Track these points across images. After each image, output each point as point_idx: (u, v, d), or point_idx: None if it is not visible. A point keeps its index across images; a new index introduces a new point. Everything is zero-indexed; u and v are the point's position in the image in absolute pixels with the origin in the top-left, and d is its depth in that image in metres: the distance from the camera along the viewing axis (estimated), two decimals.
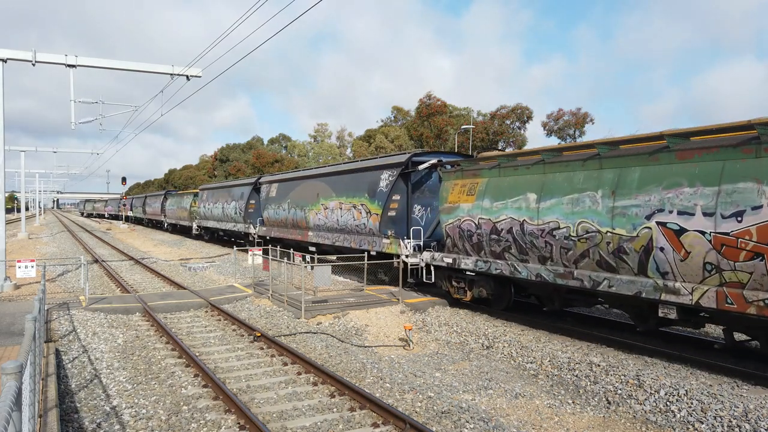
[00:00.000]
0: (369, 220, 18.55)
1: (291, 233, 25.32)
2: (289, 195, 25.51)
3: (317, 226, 22.57)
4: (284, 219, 25.88)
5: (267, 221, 28.44)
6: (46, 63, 18.03)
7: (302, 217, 23.74)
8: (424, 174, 17.87)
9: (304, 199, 23.75)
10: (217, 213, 36.75)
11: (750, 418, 7.31)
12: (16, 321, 12.44)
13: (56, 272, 24.04)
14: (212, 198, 38.27)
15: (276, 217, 26.94)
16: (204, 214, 40.00)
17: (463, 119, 64.21)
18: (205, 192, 41.18)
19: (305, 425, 7.60)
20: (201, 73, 19.48)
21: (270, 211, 27.72)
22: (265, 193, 29.10)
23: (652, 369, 9.44)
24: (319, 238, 22.43)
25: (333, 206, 21.08)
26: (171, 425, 7.62)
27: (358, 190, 19.52)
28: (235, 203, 33.04)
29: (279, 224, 26.88)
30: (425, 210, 18.12)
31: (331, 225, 21.31)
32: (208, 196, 39.70)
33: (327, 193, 21.89)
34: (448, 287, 15.57)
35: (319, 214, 22.18)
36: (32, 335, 5.62)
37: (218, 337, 12.63)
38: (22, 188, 54.61)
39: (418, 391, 8.87)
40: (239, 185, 34.00)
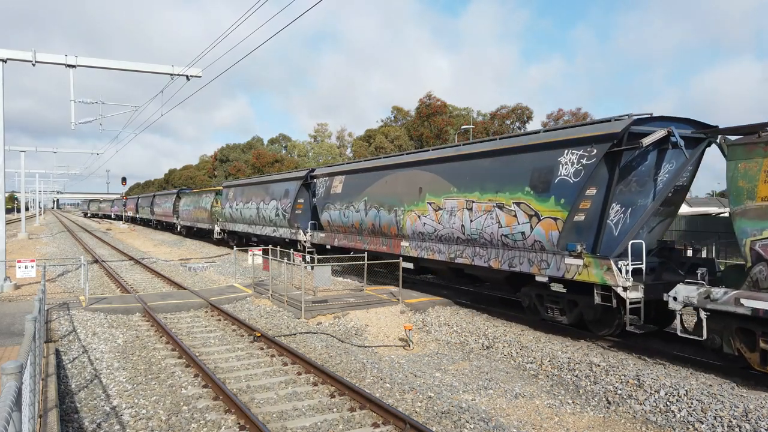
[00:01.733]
0: (535, 228, 12.30)
1: (369, 242, 19.32)
2: (367, 191, 19.42)
3: (419, 235, 16.51)
4: (357, 223, 19.94)
5: (328, 226, 22.23)
6: (46, 63, 18.03)
7: (391, 221, 17.84)
8: (639, 154, 11.26)
9: (393, 197, 17.82)
10: (249, 215, 30.80)
11: (750, 418, 7.31)
12: (16, 321, 12.44)
13: (56, 272, 24.04)
14: (242, 196, 32.31)
15: (342, 221, 20.85)
16: (230, 216, 34.14)
17: (463, 119, 64.25)
18: (231, 189, 34.94)
19: (305, 425, 7.60)
20: (201, 73, 19.48)
21: (332, 213, 21.59)
22: (323, 189, 22.72)
23: (652, 369, 9.44)
24: (424, 251, 16.36)
25: (453, 206, 14.89)
26: (171, 425, 7.62)
27: (509, 182, 13.09)
28: (275, 203, 27.04)
29: (347, 230, 20.78)
30: (624, 211, 11.86)
31: (448, 233, 15.14)
32: (236, 194, 33.59)
33: (439, 186, 15.66)
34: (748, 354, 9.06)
35: (425, 217, 16.12)
36: (32, 335, 5.62)
37: (218, 338, 12.63)
38: (22, 188, 54.61)
39: (418, 391, 8.87)
40: (282, 180, 27.44)
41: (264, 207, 28.65)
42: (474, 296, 16.96)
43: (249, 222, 31.17)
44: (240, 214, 32.46)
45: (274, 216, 27.32)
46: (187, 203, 45.27)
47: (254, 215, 30.06)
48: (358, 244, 20.14)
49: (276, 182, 28.23)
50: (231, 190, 35.12)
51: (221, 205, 36.60)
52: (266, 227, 28.72)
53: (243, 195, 32.39)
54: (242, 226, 32.33)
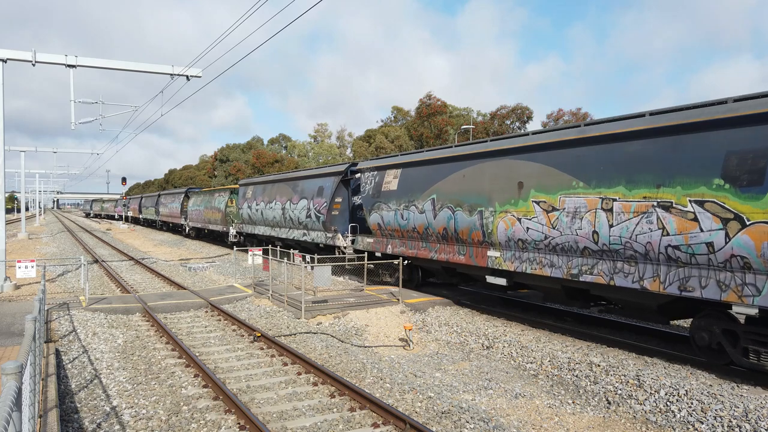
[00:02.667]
0: (736, 237, 8.74)
1: (439, 250, 15.57)
2: (435, 187, 15.60)
3: (518, 243, 12.78)
4: (420, 227, 16.25)
5: (378, 229, 18.59)
6: (46, 63, 18.04)
7: (472, 225, 14.02)
8: None
9: (475, 194, 14.04)
10: (272, 216, 27.31)
11: (750, 418, 7.31)
12: (16, 321, 12.44)
13: (56, 272, 24.04)
14: (263, 195, 28.82)
15: (399, 224, 17.28)
16: (248, 217, 30.65)
17: (463, 119, 64.30)
18: (249, 188, 31.35)
19: (305, 425, 7.60)
20: (201, 73, 19.49)
21: (385, 215, 17.97)
22: (370, 185, 19.05)
23: (652, 369, 9.44)
24: (525, 264, 12.66)
25: (577, 206, 11.21)
26: (171, 425, 7.62)
27: (683, 171, 9.52)
28: (306, 203, 23.60)
29: (406, 235, 17.14)
30: None
31: (568, 242, 11.44)
32: (255, 192, 30.03)
33: (552, 180, 11.88)
34: None
35: (529, 220, 12.37)
36: (32, 335, 5.62)
37: (218, 338, 12.63)
38: (22, 188, 54.62)
39: (418, 391, 8.87)
40: (315, 176, 23.76)
41: (291, 207, 25.02)
42: (474, 296, 16.95)
43: (272, 224, 27.60)
44: (260, 215, 28.80)
45: (304, 217, 23.68)
46: (197, 203, 41.79)
47: (278, 216, 26.46)
48: (422, 252, 16.36)
49: (307, 178, 24.36)
50: (249, 188, 31.31)
51: (237, 205, 33.53)
52: (294, 230, 25.03)
53: (264, 194, 28.71)
54: (263, 228, 28.78)
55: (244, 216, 31.40)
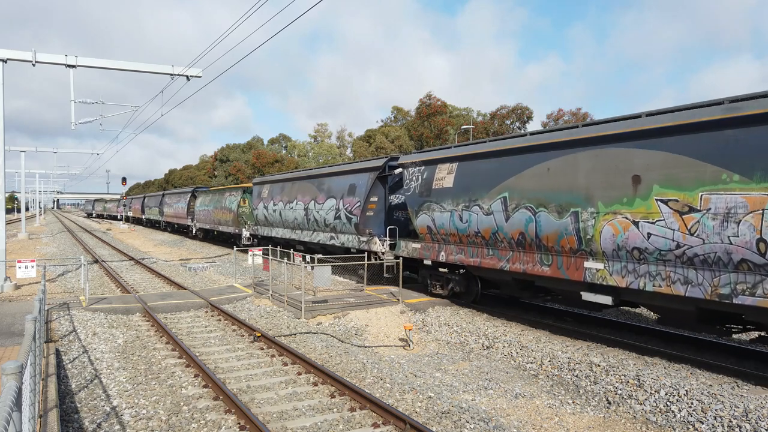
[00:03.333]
0: None
1: (513, 259, 13.03)
2: (507, 184, 13.03)
3: (633, 252, 10.29)
4: (487, 231, 13.63)
5: (428, 233, 15.92)
6: (47, 63, 18.04)
7: (564, 230, 11.52)
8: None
9: (567, 192, 11.48)
10: (292, 217, 25.01)
11: (750, 418, 7.31)
12: (17, 321, 12.44)
13: (56, 272, 24.05)
14: (281, 195, 26.63)
15: (457, 227, 14.60)
16: (264, 219, 28.48)
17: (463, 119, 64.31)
18: (265, 187, 29.13)
19: (305, 425, 7.60)
20: (201, 73, 19.49)
21: (437, 216, 15.34)
22: (416, 182, 16.37)
23: (652, 369, 9.44)
24: (642, 279, 10.18)
25: (731, 206, 8.80)
26: (171, 425, 7.62)
27: None
28: (334, 202, 21.27)
29: (466, 240, 14.45)
30: None
31: (715, 252, 9.06)
32: (272, 192, 27.87)
33: (689, 173, 9.40)
34: None
35: (652, 223, 9.89)
36: (32, 335, 5.62)
37: (218, 338, 12.64)
38: (22, 188, 54.64)
39: (419, 391, 8.87)
40: (346, 173, 21.25)
41: (316, 207, 22.62)
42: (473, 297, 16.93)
43: (292, 226, 25.25)
44: (279, 216, 26.55)
45: (332, 219, 21.29)
46: (205, 203, 39.30)
47: (300, 218, 24.05)
48: (487, 260, 13.73)
49: (336, 175, 21.86)
50: (265, 187, 28.91)
51: (250, 205, 31.59)
52: (319, 233, 22.58)
53: (283, 193, 26.36)
54: (282, 231, 26.49)
55: (260, 217, 29.01)
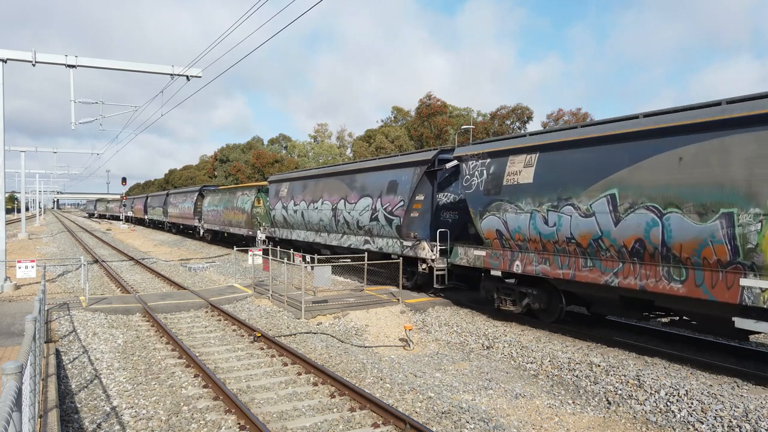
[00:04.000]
0: None
1: (624, 273, 10.51)
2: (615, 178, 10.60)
3: None
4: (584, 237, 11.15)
5: (497, 238, 13.39)
6: (47, 63, 18.04)
7: (709, 236, 9.09)
8: None
9: (707, 188, 9.14)
10: (316, 219, 22.44)
11: (750, 418, 7.31)
12: (17, 321, 12.44)
13: (56, 272, 24.05)
14: (302, 193, 24.06)
15: (540, 233, 12.13)
16: (283, 220, 26.02)
17: (463, 119, 64.32)
18: (283, 185, 26.54)
19: (305, 425, 7.60)
20: (201, 73, 19.49)
21: (508, 218, 12.94)
22: (479, 178, 13.83)
23: (652, 369, 9.44)
24: None
25: None
26: (171, 425, 7.62)
27: None
28: (369, 202, 18.79)
29: (551, 247, 11.94)
30: None
31: None
32: (292, 190, 25.32)
33: None
34: None
35: None
36: (32, 335, 5.62)
37: (218, 338, 12.64)
38: (22, 188, 54.64)
39: (419, 392, 8.87)
40: (385, 168, 18.64)
41: (347, 208, 20.11)
42: (474, 296, 16.94)
43: (316, 228, 22.67)
44: (300, 217, 24.05)
45: (367, 220, 18.85)
46: (214, 203, 37.05)
47: (327, 219, 21.56)
48: (584, 273, 11.22)
49: (372, 171, 19.36)
50: (283, 185, 26.41)
51: (265, 205, 29.52)
52: (351, 236, 20.11)
53: (305, 191, 23.83)
54: (304, 233, 23.94)
55: (277, 218, 26.57)
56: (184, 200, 45.18)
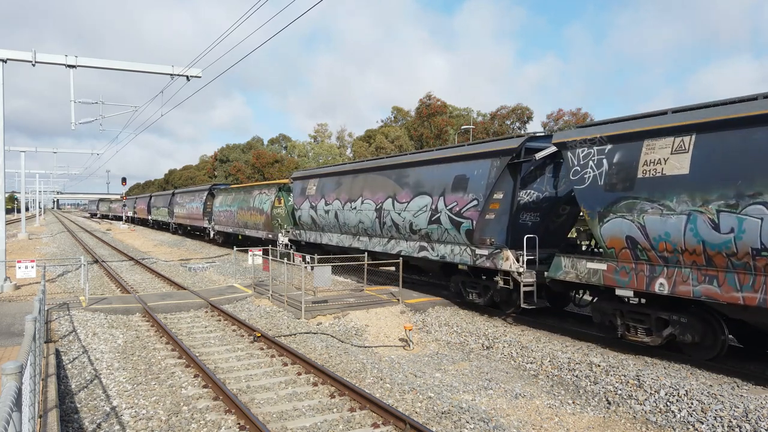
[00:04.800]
0: None
1: None
2: None
3: None
4: None
5: (627, 248, 10.45)
6: (46, 63, 18.04)
7: None
8: None
9: None
10: (355, 220, 19.43)
11: (750, 418, 7.31)
12: (16, 321, 12.44)
13: (56, 272, 24.05)
14: (336, 191, 20.96)
15: (701, 239, 9.22)
16: (311, 222, 22.84)
17: (463, 119, 64.36)
18: (311, 182, 23.25)
19: (305, 425, 7.60)
20: (201, 73, 19.49)
21: (648, 222, 10.02)
22: (595, 170, 11.15)
23: (652, 369, 9.44)
24: None
25: None
26: (171, 425, 7.62)
27: None
28: (428, 201, 15.68)
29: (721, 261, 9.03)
30: None
31: None
32: (321, 188, 22.15)
33: None
34: None
35: None
36: (32, 336, 5.62)
37: (218, 338, 12.64)
38: (22, 189, 54.64)
39: (419, 392, 8.87)
40: (449, 160, 15.51)
41: (396, 208, 16.99)
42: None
43: (354, 231, 19.74)
44: (334, 218, 20.92)
45: (424, 223, 15.73)
46: (227, 203, 34.49)
47: (369, 221, 18.51)
48: None
49: (431, 164, 16.15)
50: (311, 182, 23.23)
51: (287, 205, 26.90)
52: (401, 241, 17.04)
53: (340, 189, 20.71)
54: (337, 237, 21.01)
55: (304, 219, 23.47)
56: (192, 200, 42.50)
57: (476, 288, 14.65)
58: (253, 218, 29.64)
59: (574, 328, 12.58)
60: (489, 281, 14.31)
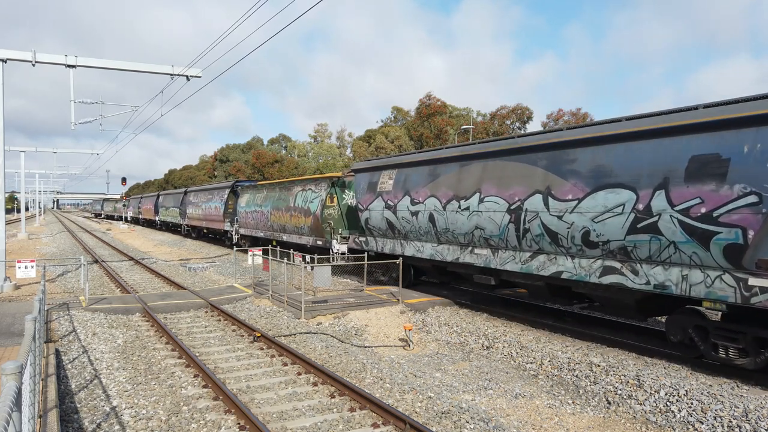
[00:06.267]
0: None
1: None
2: None
3: None
4: None
5: None
6: (46, 63, 18.03)
7: None
8: None
9: None
10: (467, 225, 14.13)
11: (750, 418, 7.31)
12: (16, 321, 12.44)
13: (56, 272, 24.04)
14: (429, 185, 15.66)
15: None
16: (387, 226, 17.50)
17: (462, 119, 64.37)
18: (384, 174, 17.86)
19: (305, 425, 7.60)
20: (201, 73, 19.49)
21: None
22: None
23: (652, 369, 9.44)
24: None
25: None
26: (171, 425, 7.62)
27: None
28: (621, 198, 10.26)
29: None
30: None
31: None
32: (401, 183, 16.86)
33: None
34: None
35: None
36: (32, 335, 5.62)
37: (218, 338, 12.63)
38: (22, 189, 54.64)
39: (418, 392, 8.87)
40: (666, 132, 9.69)
41: (551, 208, 11.78)
42: (474, 296, 16.92)
43: (464, 241, 14.41)
44: (429, 223, 15.46)
45: (618, 232, 10.38)
46: (256, 202, 29.35)
47: (496, 227, 13.21)
48: None
49: (630, 139, 10.41)
50: (386, 174, 17.68)
51: (340, 204, 22.03)
52: (559, 258, 11.82)
53: (436, 182, 15.36)
54: (432, 248, 15.61)
55: (374, 223, 18.17)
56: (210, 199, 36.74)
57: (739, 342, 9.10)
58: (294, 220, 24.21)
59: (574, 328, 12.58)
60: None
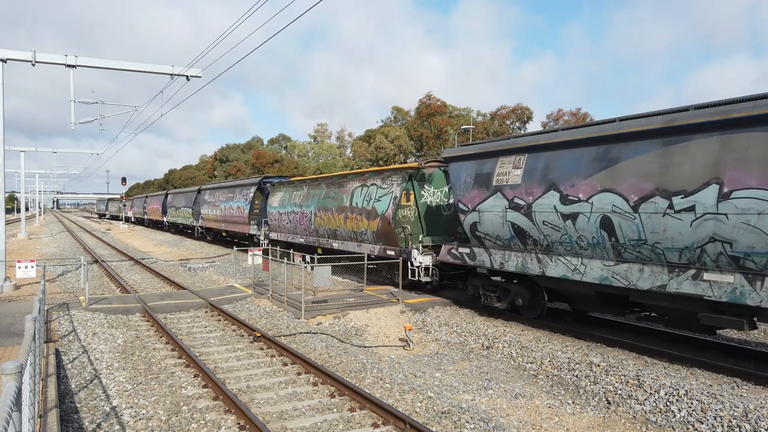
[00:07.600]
0: None
1: None
2: None
3: None
4: None
5: None
6: (46, 63, 18.03)
7: None
8: None
9: None
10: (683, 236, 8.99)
11: (750, 418, 7.31)
12: (16, 321, 12.44)
13: (56, 272, 24.04)
14: (595, 178, 10.49)
15: None
16: (512, 234, 12.61)
17: (462, 119, 64.38)
18: (504, 162, 12.85)
19: (305, 425, 7.60)
20: (200, 73, 19.49)
21: None
22: None
23: (652, 369, 9.44)
24: None
25: None
26: (171, 425, 7.62)
27: None
28: None
29: None
30: None
31: None
32: (535, 173, 11.95)
33: None
34: None
35: None
36: (32, 335, 5.62)
37: (218, 338, 12.63)
38: (21, 189, 54.64)
39: (418, 392, 8.87)
40: None
41: None
42: None
43: (675, 261, 9.45)
44: (603, 230, 10.47)
45: None
46: (294, 201, 24.49)
47: (760, 245, 8.12)
48: None
49: None
50: (506, 161, 12.90)
51: (417, 203, 17.24)
52: None
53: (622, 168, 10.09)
54: (605, 268, 10.63)
55: (485, 229, 13.43)
56: (231, 198, 32.53)
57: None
58: (351, 224, 19.36)
59: (574, 328, 12.58)
60: None
